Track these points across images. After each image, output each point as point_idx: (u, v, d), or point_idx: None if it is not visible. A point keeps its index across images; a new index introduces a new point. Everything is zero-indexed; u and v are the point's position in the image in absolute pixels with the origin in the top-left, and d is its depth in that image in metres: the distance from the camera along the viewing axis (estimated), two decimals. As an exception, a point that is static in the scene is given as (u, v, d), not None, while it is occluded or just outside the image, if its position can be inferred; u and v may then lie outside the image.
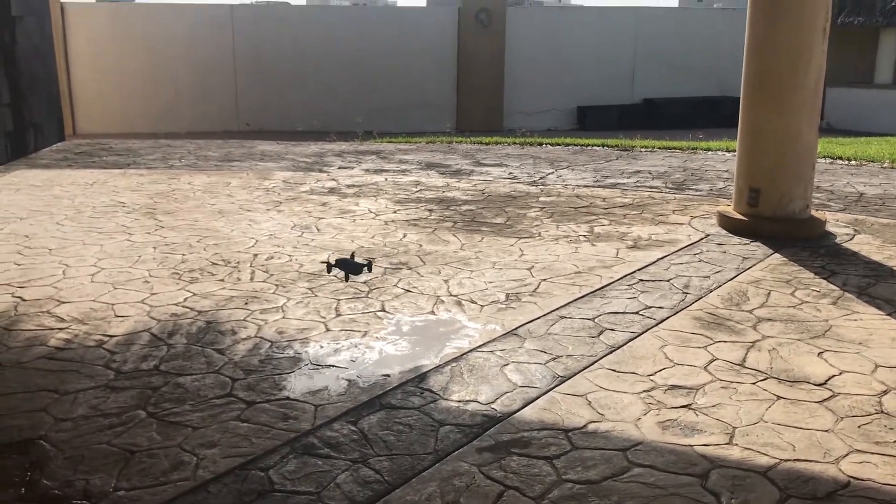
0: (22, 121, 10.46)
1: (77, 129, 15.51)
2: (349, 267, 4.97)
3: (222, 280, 5.05)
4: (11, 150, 10.07)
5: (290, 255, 5.65)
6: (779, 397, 3.39)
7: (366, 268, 5.00)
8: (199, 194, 7.96)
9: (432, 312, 4.46)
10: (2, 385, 3.53)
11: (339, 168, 9.66)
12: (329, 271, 5.07)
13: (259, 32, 16.37)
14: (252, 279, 5.08)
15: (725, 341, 4.01)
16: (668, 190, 8.15)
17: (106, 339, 4.05)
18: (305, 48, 16.63)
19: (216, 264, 5.41)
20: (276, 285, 4.94)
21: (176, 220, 6.81)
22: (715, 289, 4.87)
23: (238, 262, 5.46)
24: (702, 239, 6.12)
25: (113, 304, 4.57)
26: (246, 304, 4.58)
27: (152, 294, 4.76)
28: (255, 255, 5.65)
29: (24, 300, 4.65)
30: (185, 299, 4.67)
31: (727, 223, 6.41)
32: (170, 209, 7.23)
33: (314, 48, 16.70)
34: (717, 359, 3.79)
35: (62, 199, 7.69)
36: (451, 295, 4.75)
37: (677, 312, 4.44)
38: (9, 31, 10.13)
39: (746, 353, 3.86)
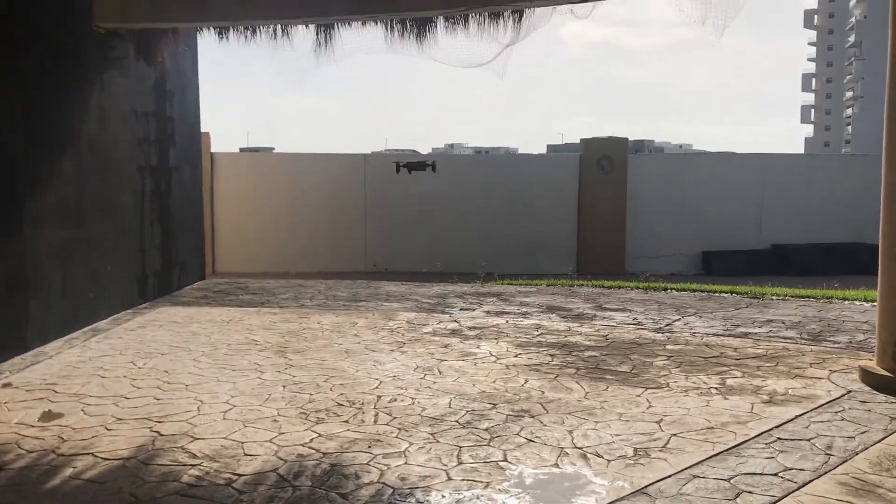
0: (169, 260, 11.25)
1: (216, 267, 16.50)
2: (415, 166, 5.16)
3: (347, 421, 5.12)
4: (158, 288, 10.79)
5: (412, 398, 5.68)
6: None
7: (430, 167, 5.18)
8: (328, 333, 8.21)
9: (556, 465, 4.33)
10: (136, 520, 3.63)
11: (461, 310, 9.79)
12: (398, 171, 5.26)
13: (388, 179, 17.21)
14: (376, 421, 5.12)
15: (879, 512, 3.69)
16: (803, 341, 7.77)
17: (235, 477, 4.14)
18: (431, 194, 17.31)
19: (341, 405, 5.51)
20: (399, 429, 4.95)
21: (305, 358, 7.02)
22: (861, 451, 4.52)
23: (362, 404, 5.53)
24: (843, 395, 5.75)
25: (243, 443, 4.69)
26: (369, 447, 4.61)
27: (280, 433, 4.87)
28: (379, 397, 5.72)
29: (161, 435, 4.85)
30: (311, 440, 4.74)
31: (870, 379, 6.01)
32: (299, 348, 7.48)
33: (439, 193, 17.36)
34: (871, 532, 3.47)
35: (200, 335, 8.11)
36: (575, 447, 4.62)
37: (820, 476, 4.13)
38: (165, 180, 11.09)
39: (904, 528, 3.52)
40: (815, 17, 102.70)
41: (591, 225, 18.05)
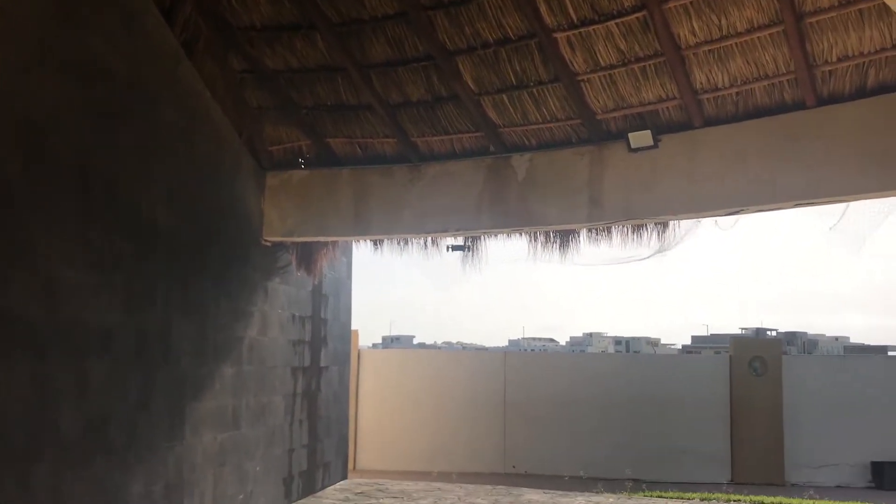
0: (315, 460, 11.44)
1: (357, 464, 16.57)
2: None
3: None
4: (303, 488, 10.92)
5: None
6: None
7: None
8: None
9: None
10: None
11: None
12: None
13: (527, 377, 17.10)
14: None
15: None
16: None
17: None
18: (572, 393, 17.00)
19: None
20: None
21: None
22: None
23: None
24: None
25: None
26: None
27: None
28: None
29: None
30: None
31: None
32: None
33: (580, 393, 17.01)
34: None
35: (342, 545, 8.03)
36: None
37: None
38: (316, 380, 11.52)
39: None
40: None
41: (745, 430, 17.02)
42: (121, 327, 6.83)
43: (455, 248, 10.24)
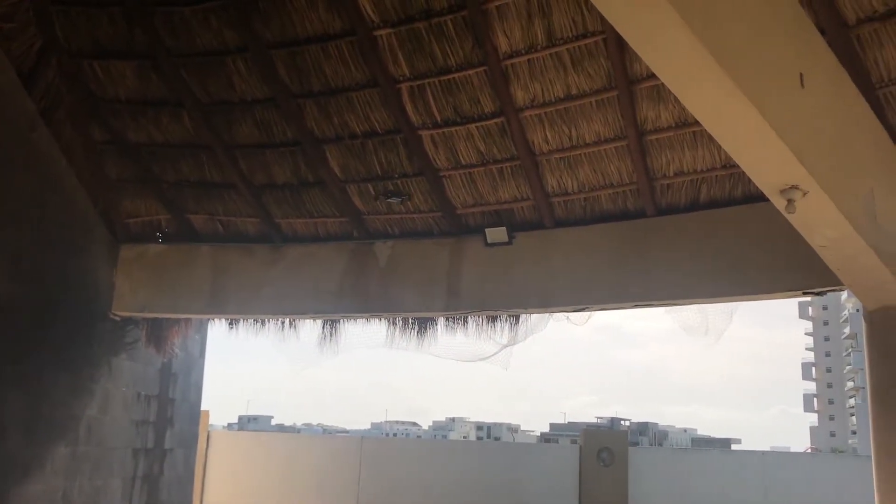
0: (151, 549, 10.79)
1: (199, 552, 15.72)
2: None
3: None
4: (134, 580, 10.25)
5: None
6: None
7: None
8: None
9: None
10: None
11: None
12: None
13: (384, 464, 16.93)
14: None
15: None
16: None
17: None
18: (428, 482, 16.92)
19: None
20: None
21: None
22: None
23: None
24: None
25: None
26: None
27: None
28: None
29: None
30: None
31: None
32: None
33: (437, 482, 16.96)
34: None
35: None
36: None
37: None
38: (158, 463, 10.98)
39: None
40: (810, 308, 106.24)
41: (592, 519, 17.41)
42: (-59, 402, 6.38)
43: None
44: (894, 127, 6.38)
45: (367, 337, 10.30)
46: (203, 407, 13.50)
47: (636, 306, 8.31)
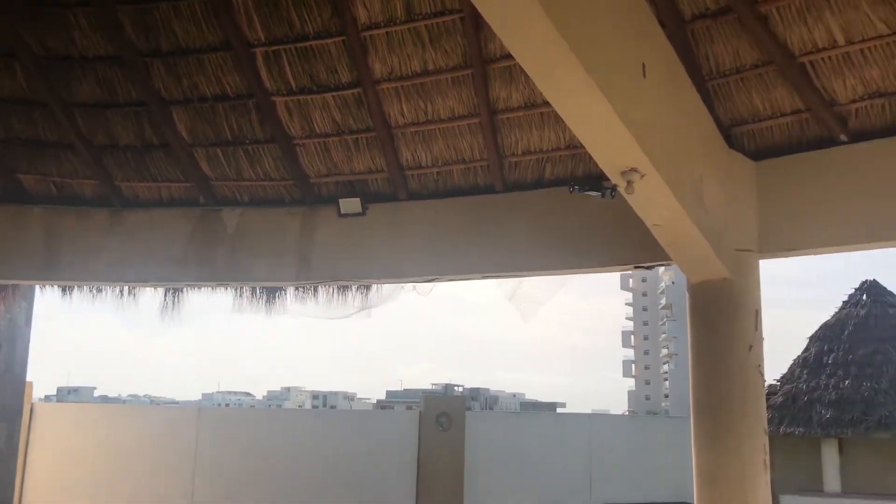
0: (-30, 530, 10.15)
1: (21, 531, 14.85)
2: None
3: None
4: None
5: None
6: None
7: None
8: None
9: None
10: None
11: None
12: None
13: (223, 434, 16.66)
14: None
15: None
16: None
17: None
18: (268, 448, 16.84)
19: None
20: None
21: None
22: None
23: None
24: None
25: None
26: None
27: None
28: None
29: None
30: None
31: None
32: None
33: (276, 448, 16.91)
34: None
35: None
36: None
37: None
38: (-21, 439, 10.31)
39: None
40: (630, 280, 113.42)
41: (430, 482, 18.00)
42: None
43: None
44: (720, 118, 7.04)
45: (211, 304, 10.12)
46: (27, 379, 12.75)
47: (484, 277, 8.67)
